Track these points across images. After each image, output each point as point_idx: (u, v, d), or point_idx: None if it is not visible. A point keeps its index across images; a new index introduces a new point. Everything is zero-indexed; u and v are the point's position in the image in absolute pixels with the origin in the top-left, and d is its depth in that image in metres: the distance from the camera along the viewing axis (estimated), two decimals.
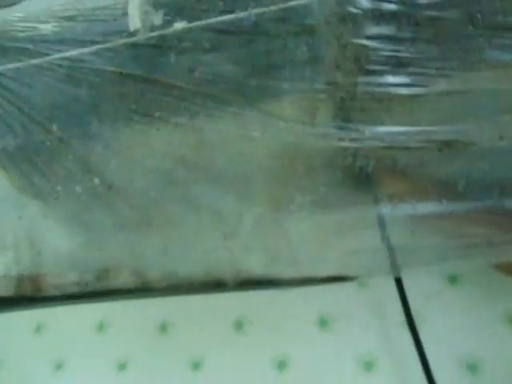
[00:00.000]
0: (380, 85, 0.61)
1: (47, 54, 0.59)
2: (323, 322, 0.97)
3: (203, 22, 0.61)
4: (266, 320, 1.02)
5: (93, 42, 0.58)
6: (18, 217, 0.86)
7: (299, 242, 0.78)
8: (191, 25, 0.60)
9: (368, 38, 0.61)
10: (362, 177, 0.71)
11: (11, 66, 0.61)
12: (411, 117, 0.65)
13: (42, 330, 1.28)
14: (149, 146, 0.73)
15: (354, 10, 0.58)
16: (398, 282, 0.87)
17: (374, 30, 0.61)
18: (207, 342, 1.05)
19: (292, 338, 0.97)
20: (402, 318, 0.91)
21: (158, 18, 0.61)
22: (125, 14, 0.59)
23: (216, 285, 0.95)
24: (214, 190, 0.79)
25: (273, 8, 0.59)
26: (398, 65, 0.62)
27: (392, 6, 0.58)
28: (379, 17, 0.58)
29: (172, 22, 0.61)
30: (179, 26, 0.59)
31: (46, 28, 0.58)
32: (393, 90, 0.61)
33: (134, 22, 0.59)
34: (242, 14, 0.62)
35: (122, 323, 1.18)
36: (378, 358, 0.90)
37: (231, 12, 0.60)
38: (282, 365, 0.96)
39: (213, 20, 0.61)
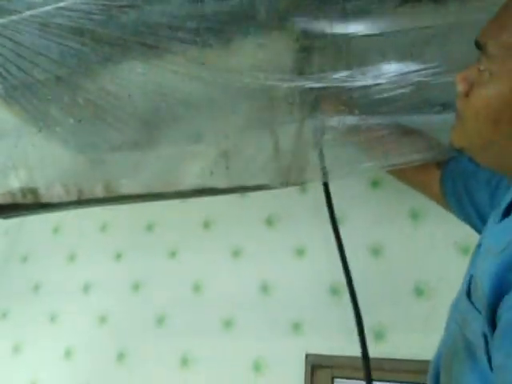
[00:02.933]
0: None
1: (20, 12, 0.75)
2: (270, 221, 1.19)
3: None
4: (226, 220, 1.24)
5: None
6: (14, 145, 1.08)
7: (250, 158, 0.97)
8: None
9: None
10: (307, 105, 0.89)
11: None
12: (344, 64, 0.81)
13: (57, 230, 1.57)
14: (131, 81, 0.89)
15: None
16: (325, 186, 1.05)
17: None
18: (182, 237, 1.29)
19: (245, 234, 1.20)
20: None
21: None
22: None
23: (190, 192, 1.17)
24: (187, 119, 0.97)
25: None
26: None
27: None
28: None
29: None
30: None
31: None
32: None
33: None
34: None
35: (119, 224, 1.44)
36: (308, 247, 1.12)
37: None
38: (236, 253, 1.20)
39: None
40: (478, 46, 0.50)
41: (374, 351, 0.95)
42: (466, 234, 0.71)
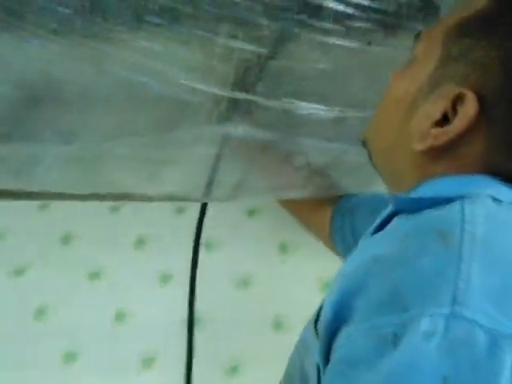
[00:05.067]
0: None
1: None
2: (140, 242, 1.09)
3: None
4: (90, 237, 1.11)
5: None
6: None
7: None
8: None
9: None
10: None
11: None
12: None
13: None
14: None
15: None
16: (203, 208, 0.98)
17: None
18: (35, 251, 1.11)
19: (108, 254, 1.07)
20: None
21: None
22: None
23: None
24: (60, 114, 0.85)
25: None
26: None
27: None
28: None
29: None
30: None
31: None
32: None
33: None
34: None
35: None
36: (174, 273, 1.03)
37: None
38: (94, 276, 1.06)
39: None
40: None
41: None
42: (331, 269, 0.68)
